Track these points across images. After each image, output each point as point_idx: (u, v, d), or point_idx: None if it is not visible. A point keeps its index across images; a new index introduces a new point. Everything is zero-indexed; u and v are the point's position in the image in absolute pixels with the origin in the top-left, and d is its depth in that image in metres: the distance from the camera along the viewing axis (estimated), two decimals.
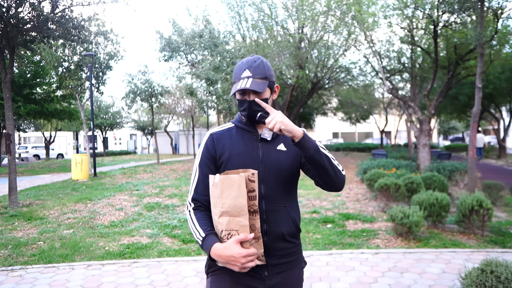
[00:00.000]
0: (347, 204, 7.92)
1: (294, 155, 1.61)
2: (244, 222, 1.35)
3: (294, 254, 1.62)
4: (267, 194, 1.54)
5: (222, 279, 1.53)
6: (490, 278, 2.53)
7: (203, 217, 1.50)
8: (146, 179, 11.80)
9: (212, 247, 1.39)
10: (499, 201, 7.56)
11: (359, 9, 11.37)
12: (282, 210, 1.57)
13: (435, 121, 32.00)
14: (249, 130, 1.63)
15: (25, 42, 7.67)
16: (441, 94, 12.53)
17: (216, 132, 1.65)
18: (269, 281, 1.54)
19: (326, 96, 25.42)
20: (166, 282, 3.94)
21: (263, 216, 1.52)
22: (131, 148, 38.46)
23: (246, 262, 1.34)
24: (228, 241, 1.37)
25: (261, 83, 1.55)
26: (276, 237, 1.54)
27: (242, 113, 1.61)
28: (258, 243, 1.42)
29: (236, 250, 1.33)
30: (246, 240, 1.35)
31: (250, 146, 1.59)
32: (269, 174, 1.56)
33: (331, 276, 4.04)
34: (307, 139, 1.45)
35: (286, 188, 1.59)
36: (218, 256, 1.37)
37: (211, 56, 14.42)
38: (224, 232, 1.38)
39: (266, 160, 1.57)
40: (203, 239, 1.44)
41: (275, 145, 1.61)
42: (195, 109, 24.08)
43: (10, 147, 7.56)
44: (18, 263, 4.56)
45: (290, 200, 1.61)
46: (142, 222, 6.50)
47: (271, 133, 1.59)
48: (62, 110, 18.68)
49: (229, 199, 1.35)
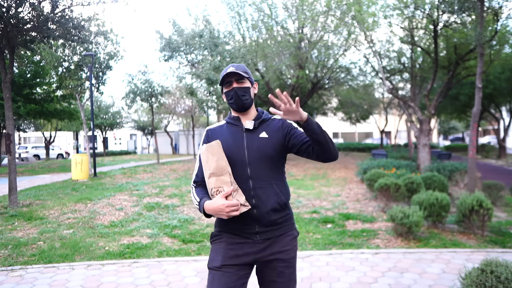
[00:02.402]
0: (347, 204, 7.92)
1: (276, 140, 1.91)
2: (227, 180, 1.74)
3: (282, 222, 1.91)
4: (253, 175, 1.86)
5: (220, 243, 1.90)
6: (490, 278, 2.53)
7: (201, 190, 1.93)
8: (146, 179, 11.80)
9: (204, 204, 1.79)
10: (499, 201, 7.56)
11: (359, 9, 11.37)
12: (269, 187, 1.87)
13: (435, 121, 31.98)
14: (236, 124, 1.98)
15: (25, 42, 7.66)
16: (441, 94, 12.53)
17: (211, 128, 2.04)
18: (260, 244, 1.86)
19: (326, 96, 25.41)
20: (166, 282, 3.94)
21: (251, 192, 1.84)
22: (131, 148, 38.47)
23: (230, 211, 1.70)
24: (215, 197, 1.75)
25: (244, 72, 1.93)
26: (264, 208, 1.84)
27: (230, 102, 1.95)
28: (239, 193, 1.78)
29: (220, 202, 1.71)
30: (229, 194, 1.73)
31: (236, 136, 1.93)
32: (253, 158, 1.87)
33: (331, 276, 4.04)
34: (311, 121, 1.75)
35: (270, 168, 1.89)
36: (208, 209, 1.76)
37: (211, 56, 14.41)
38: (213, 189, 1.75)
39: (250, 146, 1.90)
40: (198, 202, 1.85)
41: (257, 133, 1.93)
42: (195, 109, 24.09)
43: (10, 147, 7.56)
44: (18, 263, 4.56)
45: (276, 178, 1.91)
46: (142, 222, 6.50)
47: (252, 123, 1.94)
48: (62, 110, 18.69)
49: (213, 162, 1.75)
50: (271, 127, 1.96)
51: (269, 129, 1.95)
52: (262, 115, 2.02)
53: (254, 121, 1.95)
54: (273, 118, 2.03)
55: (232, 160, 1.86)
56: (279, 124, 1.97)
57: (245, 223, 1.85)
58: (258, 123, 1.95)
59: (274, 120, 2.02)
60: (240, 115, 1.99)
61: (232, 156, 1.87)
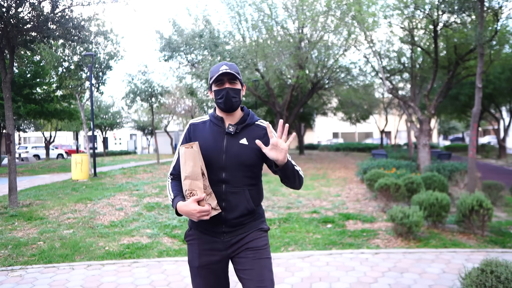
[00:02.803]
0: (347, 204, 7.92)
1: (254, 149, 1.91)
2: (199, 185, 1.80)
3: (248, 223, 1.97)
4: (227, 179, 1.90)
5: (193, 243, 2.00)
6: (490, 278, 2.53)
7: (176, 184, 1.98)
8: (146, 179, 11.80)
9: (177, 204, 1.85)
10: (499, 201, 7.55)
11: (359, 9, 11.36)
12: (240, 192, 1.91)
13: (435, 121, 31.99)
14: (218, 124, 1.98)
15: (25, 42, 7.66)
16: (441, 94, 12.52)
17: (194, 123, 2.04)
18: (227, 242, 1.95)
19: (326, 96, 25.42)
20: (166, 282, 3.94)
21: (222, 196, 1.89)
22: (131, 148, 38.46)
23: (200, 215, 1.77)
24: (188, 200, 1.81)
25: (237, 73, 1.92)
26: (232, 214, 1.91)
27: (219, 101, 1.92)
28: (211, 197, 1.84)
29: (192, 207, 1.78)
30: (201, 199, 1.79)
31: (217, 138, 1.94)
32: (230, 163, 1.90)
33: (331, 276, 4.04)
34: (287, 166, 1.84)
35: (245, 174, 1.92)
36: (181, 210, 1.83)
37: (211, 56, 14.41)
38: (187, 191, 1.82)
39: (228, 151, 1.91)
40: (172, 200, 1.91)
41: (238, 139, 1.94)
42: (195, 109, 24.09)
43: (10, 147, 7.56)
44: (18, 263, 4.56)
45: (249, 184, 1.94)
46: (142, 222, 6.50)
47: (234, 128, 1.94)
48: (62, 110, 18.69)
49: (189, 167, 1.80)
50: (253, 133, 1.95)
51: (251, 135, 1.94)
52: (247, 118, 1.99)
53: (237, 126, 1.94)
54: (257, 124, 2.00)
55: (209, 162, 1.88)
56: (261, 133, 1.96)
57: (212, 223, 1.92)
58: (240, 127, 1.95)
59: (258, 126, 1.99)
60: (225, 115, 1.97)
61: (210, 158, 1.89)
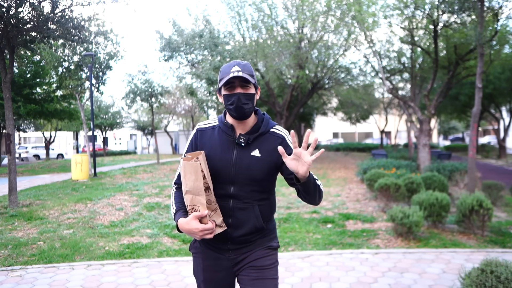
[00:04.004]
0: (347, 204, 7.92)
1: (267, 162, 1.71)
2: (202, 201, 1.62)
3: (256, 241, 1.80)
4: (235, 194, 1.72)
5: (197, 257, 1.86)
6: (490, 278, 2.53)
7: (179, 196, 1.80)
8: (146, 179, 11.80)
9: (178, 221, 1.69)
10: (499, 201, 7.55)
11: (359, 9, 11.36)
12: (249, 208, 1.73)
13: (435, 121, 31.99)
14: (228, 132, 1.75)
15: (25, 42, 7.66)
16: (441, 94, 12.52)
17: (202, 129, 1.82)
18: (233, 259, 1.80)
19: (326, 96, 25.42)
20: (166, 282, 3.94)
21: (229, 212, 1.72)
22: (131, 148, 38.46)
23: (203, 234, 1.61)
24: (188, 217, 1.64)
25: (250, 76, 1.67)
26: (239, 231, 1.74)
27: (230, 107, 1.69)
28: (216, 213, 1.68)
29: (194, 225, 1.60)
30: (204, 216, 1.61)
31: (225, 148, 1.73)
32: (239, 177, 1.71)
33: (331, 276, 4.04)
34: (309, 179, 1.60)
35: (256, 190, 1.73)
36: (182, 228, 1.66)
37: (211, 56, 14.41)
38: (189, 206, 1.67)
39: (238, 163, 1.71)
40: (174, 214, 1.76)
41: (249, 150, 1.72)
42: (195, 109, 24.11)
43: (10, 147, 7.56)
44: (18, 263, 4.56)
45: (260, 199, 1.75)
46: (142, 222, 6.50)
47: (245, 139, 1.72)
48: (62, 110, 18.69)
49: (190, 181, 1.62)
50: (267, 144, 1.73)
51: (264, 146, 1.72)
52: (261, 125, 1.76)
53: (249, 136, 1.71)
54: (272, 132, 1.77)
55: (216, 175, 1.70)
56: (276, 142, 1.73)
57: (218, 240, 1.75)
58: (253, 137, 1.72)
59: (273, 135, 1.76)
60: (236, 123, 1.74)
61: (217, 171, 1.70)
